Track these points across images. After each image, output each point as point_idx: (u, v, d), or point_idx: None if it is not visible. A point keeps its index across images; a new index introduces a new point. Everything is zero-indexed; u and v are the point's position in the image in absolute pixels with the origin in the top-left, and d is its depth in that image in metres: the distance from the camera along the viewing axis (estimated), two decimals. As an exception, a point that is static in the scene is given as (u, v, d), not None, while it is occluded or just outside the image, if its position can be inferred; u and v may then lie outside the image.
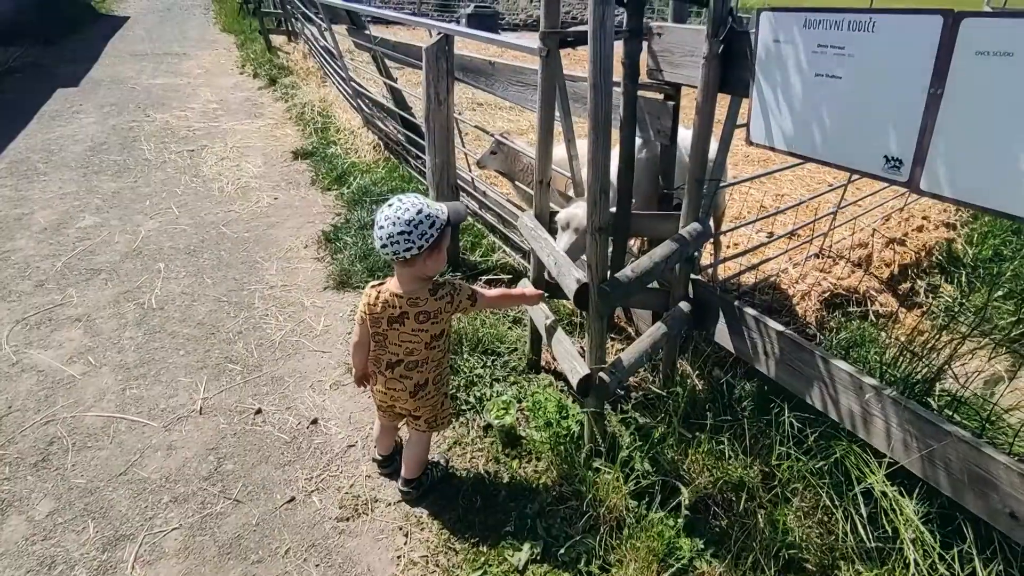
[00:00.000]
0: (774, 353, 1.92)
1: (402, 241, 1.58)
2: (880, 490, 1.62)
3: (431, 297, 1.70)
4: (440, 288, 1.72)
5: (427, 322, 1.71)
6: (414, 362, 1.77)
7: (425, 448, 1.98)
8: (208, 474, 2.11)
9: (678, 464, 1.95)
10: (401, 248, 1.59)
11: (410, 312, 1.70)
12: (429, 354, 1.76)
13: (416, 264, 1.64)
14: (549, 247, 2.04)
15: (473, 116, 6.76)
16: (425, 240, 1.59)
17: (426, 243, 1.59)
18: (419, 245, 1.59)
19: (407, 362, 1.77)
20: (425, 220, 1.59)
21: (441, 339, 1.78)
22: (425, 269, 1.67)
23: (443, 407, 1.91)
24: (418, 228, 1.58)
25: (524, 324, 2.80)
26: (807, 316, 2.92)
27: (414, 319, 1.70)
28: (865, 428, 1.68)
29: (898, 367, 2.00)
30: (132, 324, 2.94)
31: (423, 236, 1.59)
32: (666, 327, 2.06)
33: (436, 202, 1.67)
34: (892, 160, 1.41)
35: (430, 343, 1.75)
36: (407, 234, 1.57)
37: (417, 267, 1.65)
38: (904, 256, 3.56)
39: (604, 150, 1.59)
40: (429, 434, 1.96)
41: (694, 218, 2.02)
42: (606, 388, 1.83)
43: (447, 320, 1.77)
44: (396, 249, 1.59)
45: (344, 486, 2.07)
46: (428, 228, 1.59)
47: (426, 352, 1.76)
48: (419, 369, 1.78)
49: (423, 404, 1.85)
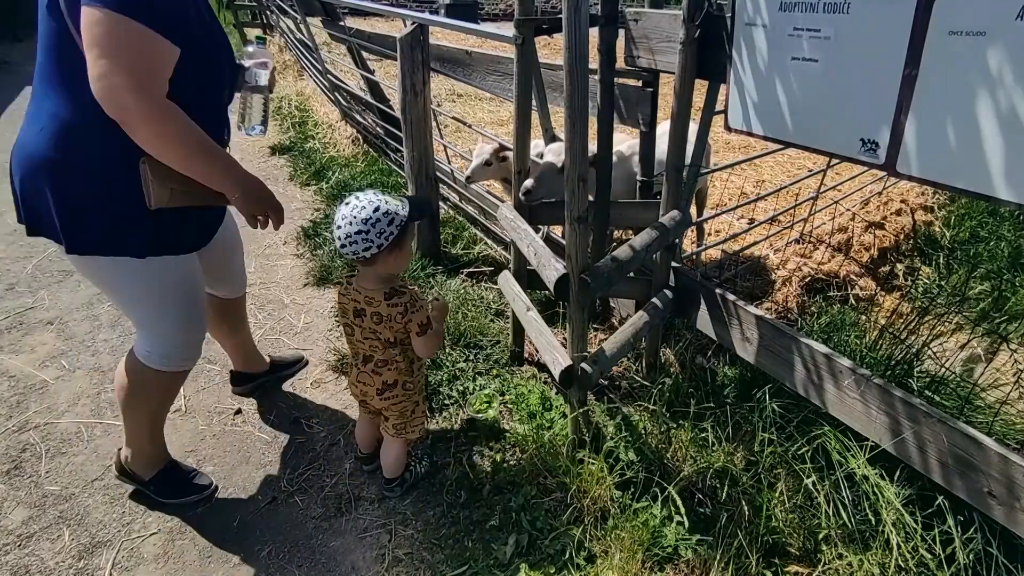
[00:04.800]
0: (755, 339, 1.92)
1: (360, 241, 1.53)
2: (862, 474, 1.63)
3: (384, 302, 1.66)
4: (397, 295, 1.66)
5: (379, 324, 1.68)
6: (382, 361, 1.75)
7: (401, 448, 1.95)
8: (187, 477, 2.07)
9: (662, 453, 1.94)
10: (360, 248, 1.54)
11: (367, 310, 1.68)
12: (391, 355, 1.74)
13: (377, 263, 1.61)
14: (529, 238, 2.01)
15: (453, 107, 6.69)
16: (384, 239, 1.55)
17: (385, 241, 1.55)
18: (378, 244, 1.54)
19: (376, 360, 1.75)
20: (383, 218, 1.54)
21: (396, 345, 1.73)
22: (388, 267, 1.64)
23: (413, 415, 1.87)
24: (376, 227, 1.53)
25: (506, 317, 2.79)
26: (788, 301, 2.93)
27: (370, 318, 1.68)
28: (846, 412, 1.69)
29: (878, 350, 2.01)
30: (106, 326, 2.88)
31: (382, 235, 1.54)
32: (648, 316, 2.05)
33: (395, 198, 1.63)
34: (869, 143, 1.40)
35: (389, 343, 1.72)
36: (364, 233, 1.53)
37: (378, 266, 1.62)
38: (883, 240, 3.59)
39: (581, 138, 1.56)
40: (401, 441, 1.92)
41: (674, 206, 2.00)
42: (588, 379, 1.81)
43: (399, 332, 1.70)
44: (355, 249, 1.55)
45: (327, 485, 2.04)
46: (387, 226, 1.55)
47: (388, 352, 1.73)
48: (388, 368, 1.76)
49: (391, 406, 1.82)
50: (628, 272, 1.86)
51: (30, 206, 1.53)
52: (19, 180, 1.52)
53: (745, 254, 3.31)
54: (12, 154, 1.54)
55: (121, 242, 1.56)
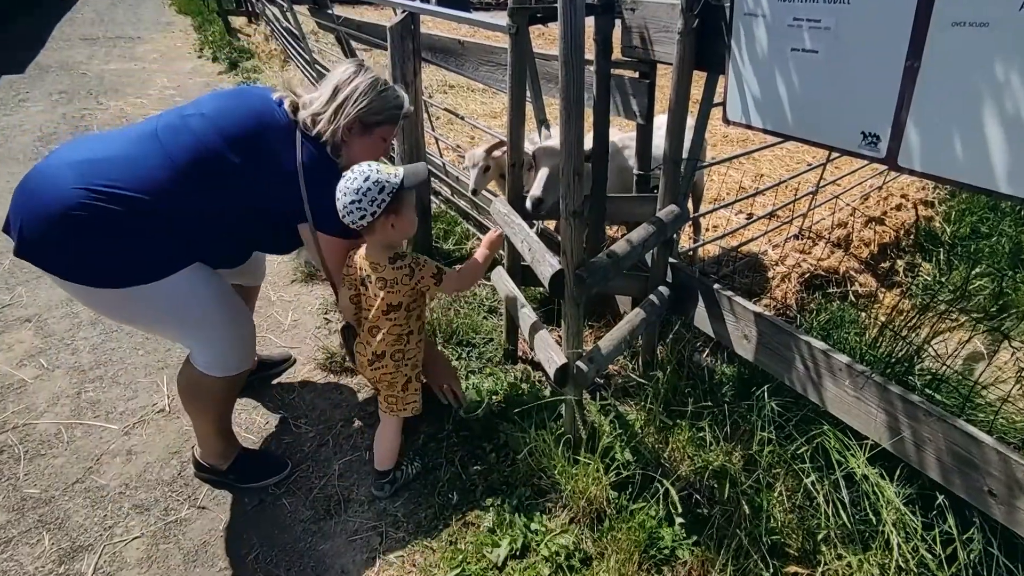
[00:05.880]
0: (754, 336, 1.92)
1: (355, 210, 1.63)
2: (862, 473, 1.64)
3: (389, 265, 1.75)
4: (400, 259, 1.76)
5: (383, 290, 1.75)
6: (375, 328, 1.81)
7: (394, 436, 1.96)
8: (171, 479, 2.06)
9: (659, 453, 1.95)
10: (356, 217, 1.64)
11: (372, 276, 1.76)
12: (386, 324, 1.79)
13: (377, 231, 1.69)
14: (523, 233, 2.01)
15: (444, 99, 6.67)
16: (377, 206, 1.63)
17: (378, 208, 1.63)
18: (372, 211, 1.63)
19: (370, 328, 1.82)
20: (374, 187, 1.62)
21: (399, 311, 1.79)
22: (389, 235, 1.71)
23: (405, 391, 1.91)
24: (367, 195, 1.62)
25: (500, 314, 2.78)
26: (787, 298, 2.94)
27: (375, 284, 1.76)
28: (845, 410, 1.70)
29: (878, 347, 2.02)
30: (86, 324, 2.85)
31: (374, 202, 1.62)
32: (645, 312, 2.05)
33: (391, 166, 1.69)
34: (869, 136, 1.41)
35: (387, 312, 1.78)
36: (357, 202, 1.62)
37: (379, 233, 1.70)
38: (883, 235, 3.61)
39: (577, 130, 1.56)
40: (395, 420, 1.95)
41: (672, 200, 2.01)
42: (584, 377, 1.82)
43: (407, 294, 1.78)
44: (352, 219, 1.65)
45: (315, 486, 2.03)
46: (378, 194, 1.62)
47: (384, 321, 1.79)
48: (378, 338, 1.81)
49: (380, 378, 1.87)
50: (625, 268, 1.86)
51: (35, 243, 1.56)
52: (35, 221, 1.54)
53: (743, 250, 3.32)
54: (33, 183, 1.58)
55: (145, 270, 1.63)
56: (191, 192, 1.61)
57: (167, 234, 1.61)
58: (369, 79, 1.78)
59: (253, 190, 1.68)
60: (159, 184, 1.58)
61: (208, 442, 2.00)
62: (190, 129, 1.65)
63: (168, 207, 1.59)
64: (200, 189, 1.62)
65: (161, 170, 1.59)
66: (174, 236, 1.63)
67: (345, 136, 1.79)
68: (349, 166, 1.79)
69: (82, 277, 1.57)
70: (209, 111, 1.69)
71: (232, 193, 1.66)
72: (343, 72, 1.79)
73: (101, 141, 1.66)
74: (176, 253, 1.66)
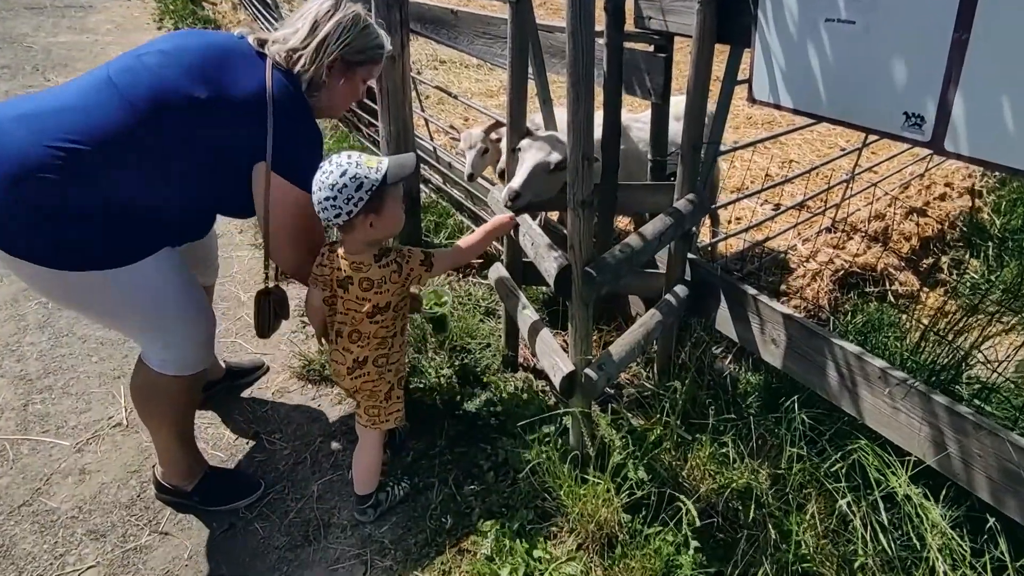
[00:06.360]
0: (782, 341, 1.93)
1: (330, 208, 1.63)
2: (903, 493, 1.65)
3: (375, 264, 1.74)
4: (386, 255, 1.75)
5: (370, 291, 1.75)
6: (356, 333, 1.80)
7: (376, 453, 1.96)
8: (130, 501, 2.06)
9: (677, 471, 1.95)
10: (331, 215, 1.64)
11: (354, 277, 1.74)
12: (371, 328, 1.79)
13: (356, 229, 1.68)
14: (526, 225, 2.01)
15: (435, 76, 6.68)
16: (353, 205, 1.62)
17: (355, 207, 1.62)
18: (347, 211, 1.63)
19: (349, 332, 1.80)
20: (350, 183, 1.61)
21: (386, 312, 1.79)
22: (371, 233, 1.70)
23: (388, 400, 1.91)
24: (343, 193, 1.61)
25: (498, 316, 2.79)
26: (819, 298, 2.95)
27: (358, 286, 1.75)
28: (885, 423, 1.70)
29: (921, 353, 2.03)
30: (34, 327, 2.85)
31: (350, 201, 1.62)
32: (661, 314, 2.06)
33: (374, 158, 1.68)
34: (913, 117, 1.41)
35: (372, 314, 1.77)
36: (332, 200, 1.62)
37: (359, 232, 1.69)
38: (925, 228, 3.63)
39: (587, 109, 1.56)
40: (377, 435, 1.94)
41: (690, 189, 2.01)
42: (593, 386, 1.82)
43: (396, 292, 1.79)
44: (327, 216, 1.65)
45: (291, 509, 2.03)
46: (354, 192, 1.61)
47: (368, 325, 1.78)
48: (360, 343, 1.80)
49: (361, 386, 1.86)
50: (639, 264, 1.86)
51: None
52: None
53: (770, 244, 3.33)
54: None
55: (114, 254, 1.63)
56: (154, 136, 1.59)
57: (132, 203, 1.60)
58: (351, 14, 1.79)
59: (216, 123, 1.65)
60: (119, 132, 1.55)
61: (170, 458, 2.00)
62: (147, 67, 1.63)
63: (135, 157, 1.57)
64: (163, 131, 1.60)
65: (120, 115, 1.56)
66: (140, 207, 1.61)
67: (326, 76, 1.78)
68: (327, 109, 1.78)
69: (40, 255, 1.55)
70: (168, 47, 1.68)
71: (196, 131, 1.64)
72: (321, 5, 1.78)
73: (48, 93, 1.64)
74: (144, 231, 1.65)
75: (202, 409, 2.41)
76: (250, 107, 1.67)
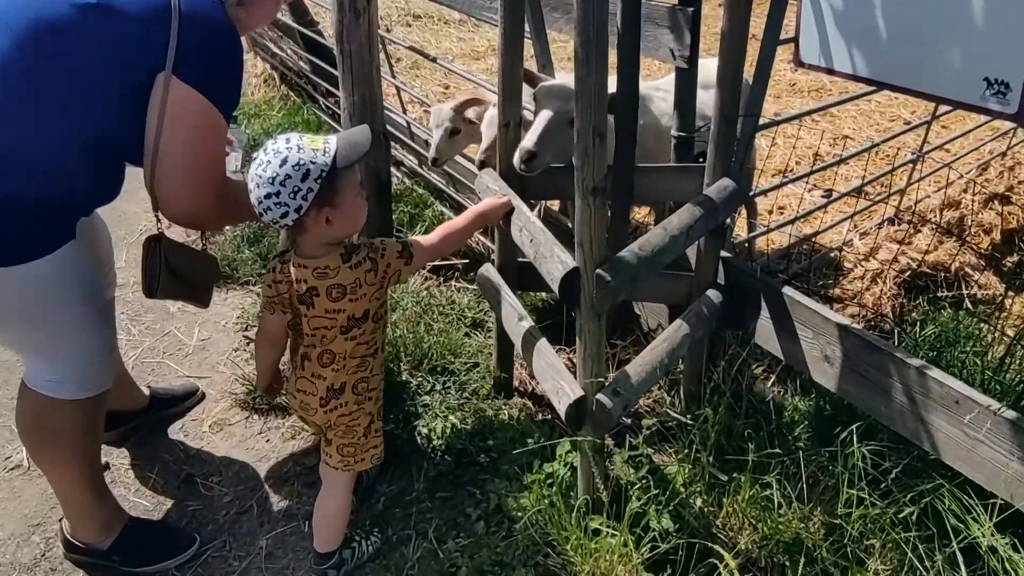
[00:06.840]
0: (838, 358, 1.94)
1: (273, 206, 1.62)
2: (988, 544, 1.65)
3: (344, 265, 1.73)
4: (355, 252, 1.75)
5: (342, 299, 1.74)
6: (328, 355, 1.79)
7: (343, 502, 1.96)
8: (32, 562, 2.06)
9: (710, 519, 1.96)
10: (277, 215, 1.63)
11: (319, 287, 1.73)
12: (346, 346, 1.78)
13: (310, 228, 1.67)
14: (523, 217, 2.01)
15: (408, 34, 6.69)
16: (302, 199, 1.61)
17: (304, 202, 1.61)
18: (296, 206, 1.61)
19: (320, 354, 1.79)
20: (294, 172, 1.59)
21: (364, 324, 1.79)
22: (330, 231, 1.70)
23: (366, 435, 1.91)
24: (286, 186, 1.60)
25: (488, 329, 2.78)
26: (881, 305, 2.97)
27: (326, 296, 1.73)
28: (965, 458, 1.71)
29: (1007, 371, 2.04)
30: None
31: (297, 194, 1.60)
32: (688, 326, 2.06)
33: (319, 138, 1.68)
34: (996, 84, 1.42)
35: (347, 328, 1.76)
36: (275, 196, 1.61)
37: (315, 231, 1.69)
38: (1009, 219, 3.65)
39: (599, 75, 1.57)
40: (348, 478, 1.94)
41: (723, 172, 2.02)
42: (607, 415, 1.82)
43: (374, 297, 1.79)
44: (272, 216, 1.64)
45: (234, 570, 2.03)
46: (300, 182, 1.60)
47: (343, 343, 1.78)
48: (334, 366, 1.79)
49: (336, 421, 1.85)
50: (662, 265, 1.87)
51: None
52: None
53: (820, 240, 3.35)
54: None
55: None
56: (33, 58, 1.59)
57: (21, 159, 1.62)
58: None
59: (112, 36, 1.65)
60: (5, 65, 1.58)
61: (78, 509, 1.97)
62: None
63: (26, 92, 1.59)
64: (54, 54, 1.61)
65: None
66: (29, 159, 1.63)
67: None
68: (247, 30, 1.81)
69: None
70: None
71: (91, 48, 1.64)
72: None
73: None
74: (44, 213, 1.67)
75: (121, 447, 2.41)
76: (155, 16, 1.66)
